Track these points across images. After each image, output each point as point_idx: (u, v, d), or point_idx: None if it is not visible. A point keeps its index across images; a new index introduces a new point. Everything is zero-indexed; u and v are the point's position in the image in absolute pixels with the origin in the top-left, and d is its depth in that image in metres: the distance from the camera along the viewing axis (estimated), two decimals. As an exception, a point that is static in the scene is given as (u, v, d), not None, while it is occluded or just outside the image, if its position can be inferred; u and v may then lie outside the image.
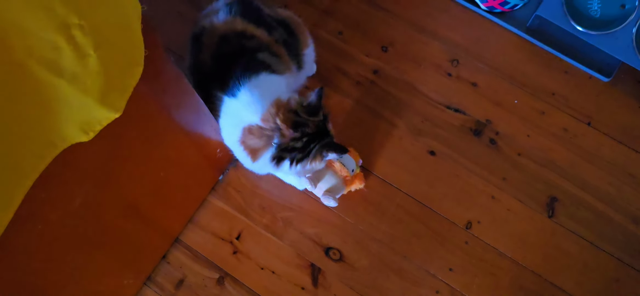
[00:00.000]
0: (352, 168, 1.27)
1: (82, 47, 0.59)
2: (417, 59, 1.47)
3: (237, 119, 1.07)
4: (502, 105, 1.41)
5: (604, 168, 1.34)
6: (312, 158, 1.07)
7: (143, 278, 1.26)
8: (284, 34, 1.20)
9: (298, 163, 1.07)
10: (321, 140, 1.07)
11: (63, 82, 0.60)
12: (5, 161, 0.64)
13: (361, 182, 1.30)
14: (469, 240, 1.29)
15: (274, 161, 1.06)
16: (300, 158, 1.06)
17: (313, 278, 1.26)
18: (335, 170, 1.25)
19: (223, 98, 1.08)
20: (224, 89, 1.07)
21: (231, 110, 1.07)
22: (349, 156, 1.28)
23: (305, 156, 1.06)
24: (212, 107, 1.10)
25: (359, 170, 1.29)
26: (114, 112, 0.68)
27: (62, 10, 0.56)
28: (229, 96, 1.07)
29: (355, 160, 1.29)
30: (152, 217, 1.18)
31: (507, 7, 1.48)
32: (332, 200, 1.24)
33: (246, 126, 1.06)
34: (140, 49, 0.69)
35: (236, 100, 1.06)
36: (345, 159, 1.26)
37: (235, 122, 1.07)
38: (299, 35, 1.26)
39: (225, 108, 1.08)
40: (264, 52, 1.11)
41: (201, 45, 1.11)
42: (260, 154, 1.07)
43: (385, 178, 1.34)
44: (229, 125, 1.10)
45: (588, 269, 1.26)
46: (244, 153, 1.09)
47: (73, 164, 0.81)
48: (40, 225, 0.85)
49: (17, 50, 0.55)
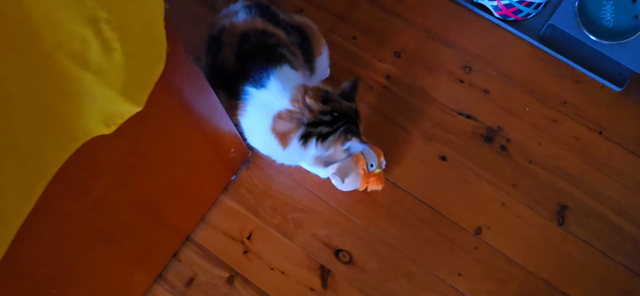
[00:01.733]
0: (372, 163, 1.27)
1: (108, 41, 0.60)
2: (430, 65, 1.48)
3: (268, 109, 1.06)
4: (514, 112, 1.42)
5: (614, 178, 1.34)
6: (337, 138, 1.06)
7: (154, 275, 1.27)
8: (298, 38, 1.22)
9: (324, 139, 1.05)
10: (349, 123, 1.07)
11: (89, 74, 0.62)
12: (29, 151, 0.65)
13: (379, 184, 1.29)
14: (479, 246, 1.29)
15: (302, 141, 1.05)
16: (326, 134, 1.05)
17: (322, 279, 1.27)
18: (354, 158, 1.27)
19: (250, 92, 1.08)
20: (252, 83, 1.07)
21: (260, 101, 1.07)
22: (371, 151, 1.28)
23: (332, 132, 1.05)
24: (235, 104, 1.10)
25: (380, 170, 1.29)
26: (136, 106, 0.69)
27: (92, 4, 0.57)
28: (257, 88, 1.07)
29: (378, 158, 1.29)
30: (165, 215, 1.20)
31: (520, 15, 1.48)
32: (338, 180, 1.25)
33: (276, 113, 1.06)
34: (163, 45, 0.70)
35: (266, 90, 1.06)
36: (367, 152, 1.27)
37: (265, 113, 1.07)
38: (312, 42, 1.27)
39: (254, 101, 1.08)
40: (283, 48, 1.13)
41: (221, 44, 1.13)
42: (290, 138, 1.06)
43: (396, 182, 1.35)
44: (259, 118, 1.09)
45: (598, 278, 1.26)
46: (275, 141, 1.08)
47: (92, 158, 0.82)
48: (57, 217, 0.86)
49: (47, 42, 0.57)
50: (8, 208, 0.65)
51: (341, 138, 1.07)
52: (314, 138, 1.06)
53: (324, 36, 1.33)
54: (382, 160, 1.30)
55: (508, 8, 1.46)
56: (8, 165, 0.63)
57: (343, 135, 1.06)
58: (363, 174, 1.27)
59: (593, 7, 1.40)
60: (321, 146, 1.06)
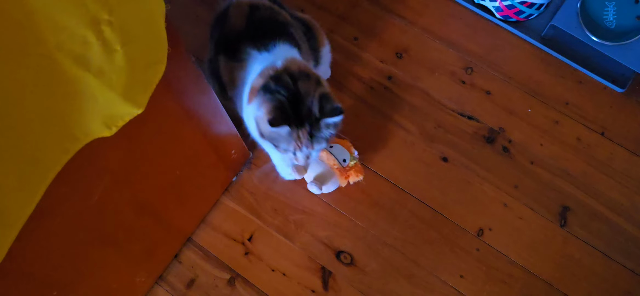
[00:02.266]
0: (344, 158, 1.27)
1: (109, 43, 0.60)
2: (431, 66, 1.47)
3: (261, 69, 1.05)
4: (516, 113, 1.42)
5: (617, 179, 1.34)
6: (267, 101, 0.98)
7: (155, 277, 1.27)
8: (303, 28, 1.22)
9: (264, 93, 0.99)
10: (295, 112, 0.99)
11: (90, 76, 0.61)
12: (30, 153, 0.65)
13: (359, 174, 1.28)
14: (480, 247, 1.29)
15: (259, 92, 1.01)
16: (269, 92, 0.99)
17: (324, 281, 1.26)
18: (322, 158, 1.26)
19: (252, 53, 1.07)
20: (256, 44, 1.07)
21: (258, 62, 1.06)
22: (340, 147, 1.28)
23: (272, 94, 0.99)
24: (233, 65, 1.09)
25: (354, 161, 1.28)
26: (137, 108, 0.69)
27: (93, 6, 0.57)
28: (260, 50, 1.07)
29: (349, 152, 1.28)
30: (166, 216, 1.19)
31: (522, 16, 1.48)
32: (315, 187, 1.25)
33: (260, 70, 1.04)
34: (164, 46, 0.70)
35: (269, 54, 1.06)
36: (335, 150, 1.27)
37: (256, 73, 1.06)
38: (316, 34, 1.28)
39: (252, 61, 1.07)
40: (292, 28, 1.13)
41: (228, 17, 1.13)
42: (255, 93, 1.03)
43: (398, 184, 1.34)
44: (250, 77, 1.07)
45: (600, 280, 1.25)
46: (247, 97, 1.06)
47: (93, 160, 0.82)
48: (58, 219, 0.86)
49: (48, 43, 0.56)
50: (9, 210, 0.64)
51: (268, 104, 0.99)
52: (261, 91, 1.01)
53: (325, 37, 1.33)
54: (353, 150, 1.29)
55: (510, 9, 1.46)
56: (9, 167, 0.63)
57: (271, 103, 0.98)
58: (340, 172, 1.26)
59: (595, 8, 1.40)
60: (260, 98, 1.00)
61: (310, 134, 1.01)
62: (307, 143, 1.02)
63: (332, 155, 1.26)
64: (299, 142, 1.01)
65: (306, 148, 1.03)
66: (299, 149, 1.03)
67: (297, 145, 1.02)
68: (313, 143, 1.02)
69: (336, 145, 1.28)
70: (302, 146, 1.02)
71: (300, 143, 1.01)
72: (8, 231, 0.66)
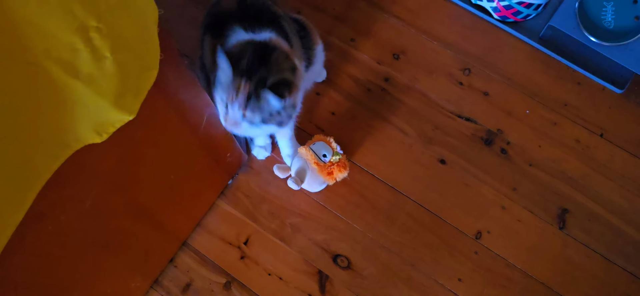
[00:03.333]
0: (324, 153, 1.25)
1: (99, 50, 0.59)
2: (429, 67, 1.46)
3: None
4: (514, 114, 1.41)
5: (616, 181, 1.33)
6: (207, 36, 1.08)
7: (150, 282, 1.26)
8: (297, 27, 1.22)
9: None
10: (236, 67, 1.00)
11: (79, 83, 0.60)
12: (19, 160, 0.64)
13: (344, 170, 1.26)
14: (479, 250, 1.28)
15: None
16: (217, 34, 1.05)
17: (320, 285, 1.25)
18: (301, 153, 1.26)
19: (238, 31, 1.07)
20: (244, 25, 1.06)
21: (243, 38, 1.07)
22: (320, 143, 1.27)
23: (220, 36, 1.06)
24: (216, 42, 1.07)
25: (338, 156, 1.26)
26: (128, 115, 0.68)
27: (81, 13, 0.56)
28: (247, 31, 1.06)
29: (331, 148, 1.27)
30: (161, 220, 1.18)
31: (520, 17, 1.47)
32: (294, 183, 1.23)
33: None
34: (156, 52, 0.69)
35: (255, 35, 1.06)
36: (314, 147, 1.25)
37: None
38: (310, 32, 1.27)
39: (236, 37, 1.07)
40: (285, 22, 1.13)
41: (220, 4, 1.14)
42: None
43: (395, 186, 1.33)
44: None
45: (599, 282, 1.25)
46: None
47: (85, 166, 0.81)
48: (50, 225, 0.85)
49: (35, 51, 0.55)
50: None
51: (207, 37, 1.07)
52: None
53: (322, 38, 1.32)
54: (334, 146, 1.28)
55: (507, 9, 1.45)
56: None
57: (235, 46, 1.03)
58: (320, 168, 1.24)
59: (593, 9, 1.39)
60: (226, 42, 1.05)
61: (248, 95, 0.99)
62: (242, 101, 0.99)
63: (311, 150, 1.25)
64: (235, 94, 0.98)
65: (238, 108, 1.00)
66: (232, 102, 1.00)
67: (232, 96, 0.99)
68: (247, 106, 0.99)
69: (317, 142, 1.27)
70: (236, 101, 0.99)
71: (235, 95, 0.99)
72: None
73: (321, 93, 1.43)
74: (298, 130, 1.38)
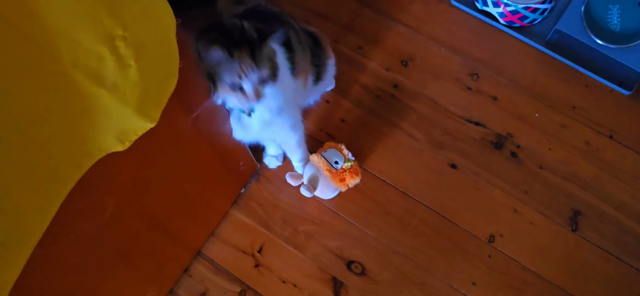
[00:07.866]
0: (336, 160, 1.26)
1: (124, 58, 0.60)
2: (437, 73, 1.48)
3: None
4: (523, 118, 1.41)
5: (627, 182, 1.34)
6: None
7: (165, 291, 1.26)
8: (311, 43, 1.22)
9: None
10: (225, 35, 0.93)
11: (104, 91, 0.62)
12: (45, 169, 0.65)
13: (356, 176, 1.27)
14: (492, 254, 1.28)
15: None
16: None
17: (335, 291, 1.26)
18: (313, 161, 1.27)
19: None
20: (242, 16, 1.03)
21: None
22: (332, 150, 1.28)
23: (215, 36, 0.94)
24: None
25: (350, 163, 1.26)
26: (150, 122, 0.69)
27: (109, 22, 0.57)
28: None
29: (343, 154, 1.28)
30: (176, 230, 1.19)
31: (526, 21, 1.48)
32: (307, 191, 1.24)
33: None
34: (176, 60, 0.70)
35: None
36: (326, 154, 1.27)
37: None
38: (323, 47, 1.28)
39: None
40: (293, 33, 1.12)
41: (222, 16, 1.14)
42: None
43: (407, 192, 1.34)
44: None
45: (613, 283, 1.25)
46: None
47: (106, 175, 0.82)
48: (72, 235, 0.86)
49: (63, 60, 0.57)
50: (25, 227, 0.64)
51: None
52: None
53: (330, 47, 1.33)
54: (346, 153, 1.28)
55: (513, 14, 1.46)
56: (24, 184, 0.63)
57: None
58: (332, 175, 1.25)
59: (599, 11, 1.40)
60: None
61: (252, 52, 0.92)
62: (250, 64, 0.92)
63: (323, 158, 1.26)
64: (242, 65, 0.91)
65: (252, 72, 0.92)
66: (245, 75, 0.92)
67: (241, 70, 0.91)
68: (256, 62, 0.92)
69: (329, 150, 1.28)
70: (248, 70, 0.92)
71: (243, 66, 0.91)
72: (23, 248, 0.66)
73: (331, 101, 1.44)
74: (309, 138, 1.39)
